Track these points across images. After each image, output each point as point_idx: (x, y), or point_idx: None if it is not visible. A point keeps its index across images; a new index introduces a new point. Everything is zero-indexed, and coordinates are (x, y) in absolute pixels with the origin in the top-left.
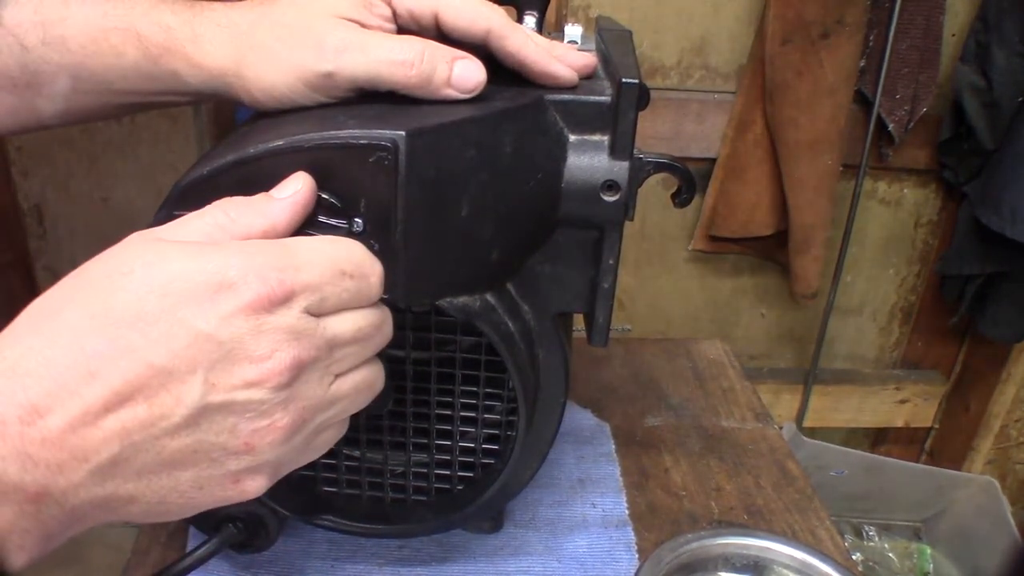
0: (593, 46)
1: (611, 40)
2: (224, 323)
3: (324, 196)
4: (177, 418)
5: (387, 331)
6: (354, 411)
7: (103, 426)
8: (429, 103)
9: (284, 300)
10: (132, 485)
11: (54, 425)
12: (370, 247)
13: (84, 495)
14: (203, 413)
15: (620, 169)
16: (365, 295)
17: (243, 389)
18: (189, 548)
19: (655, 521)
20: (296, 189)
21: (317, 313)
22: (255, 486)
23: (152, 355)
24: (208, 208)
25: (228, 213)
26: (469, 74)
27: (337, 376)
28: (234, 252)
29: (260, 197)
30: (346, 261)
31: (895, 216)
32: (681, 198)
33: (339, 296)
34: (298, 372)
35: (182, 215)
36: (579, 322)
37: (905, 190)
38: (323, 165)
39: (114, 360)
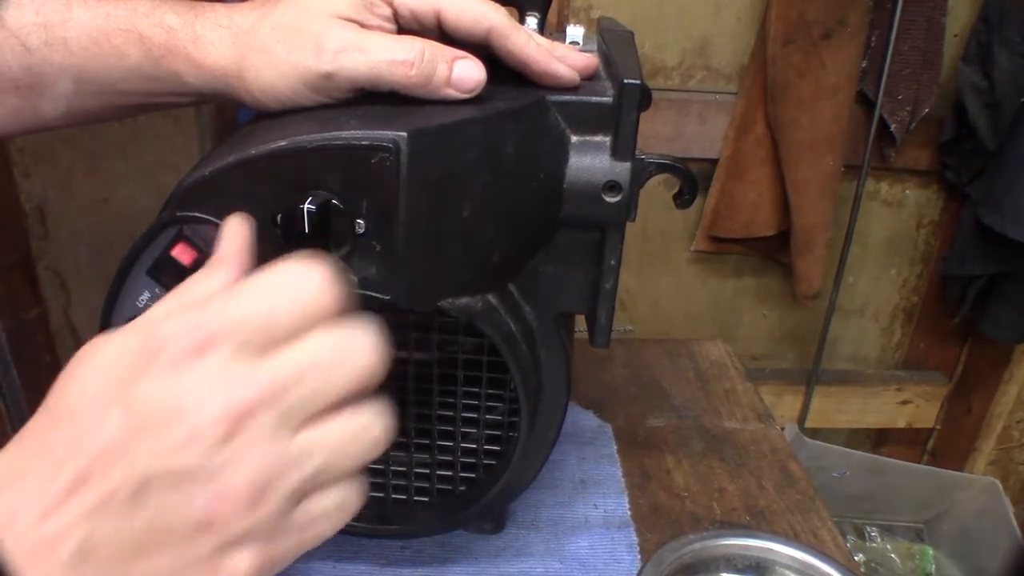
0: (595, 47)
1: (613, 41)
2: (150, 386)
3: (321, 195)
4: (126, 492)
5: (354, 363)
6: (350, 468)
7: (63, 518)
8: (430, 103)
9: (205, 346)
10: None
11: (22, 525)
12: (372, 248)
13: None
14: (148, 485)
15: (622, 170)
16: (302, 310)
17: (179, 452)
18: None
19: (657, 522)
20: (232, 235)
21: (253, 352)
22: (240, 572)
23: (96, 436)
24: (164, 298)
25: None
26: (469, 73)
27: (304, 424)
28: (160, 316)
29: (209, 264)
30: (273, 279)
31: (897, 217)
32: (683, 199)
33: (269, 323)
34: (235, 423)
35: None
36: (581, 323)
37: (907, 191)
38: (325, 166)
39: (68, 450)
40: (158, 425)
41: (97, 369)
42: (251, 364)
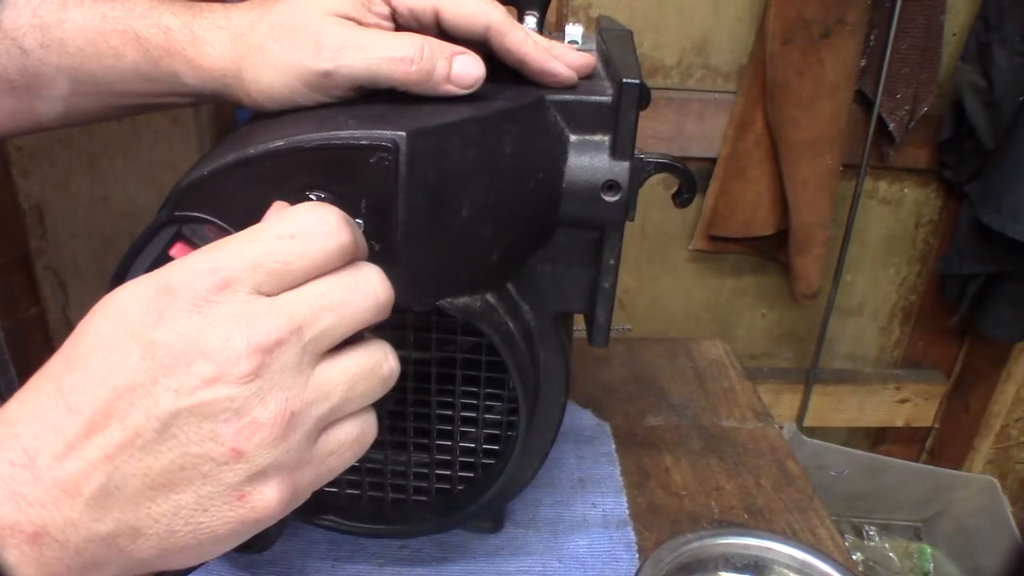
0: (594, 46)
1: (612, 40)
2: (170, 327)
3: (324, 196)
4: (151, 433)
5: (365, 299)
6: (366, 401)
7: (85, 456)
8: (429, 103)
9: (223, 287)
10: (132, 515)
11: (42, 463)
12: (370, 248)
13: (84, 532)
14: (174, 422)
15: (621, 169)
16: (315, 252)
17: (206, 388)
18: None
19: (655, 521)
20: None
21: (269, 292)
22: (265, 501)
23: (115, 377)
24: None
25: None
26: (469, 69)
27: (322, 358)
28: (174, 263)
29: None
30: (286, 224)
31: (896, 216)
32: (682, 198)
33: (286, 263)
34: (262, 357)
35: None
36: (579, 322)
37: (906, 190)
38: (323, 166)
39: (86, 391)
40: (182, 363)
41: (111, 316)
42: (270, 300)
